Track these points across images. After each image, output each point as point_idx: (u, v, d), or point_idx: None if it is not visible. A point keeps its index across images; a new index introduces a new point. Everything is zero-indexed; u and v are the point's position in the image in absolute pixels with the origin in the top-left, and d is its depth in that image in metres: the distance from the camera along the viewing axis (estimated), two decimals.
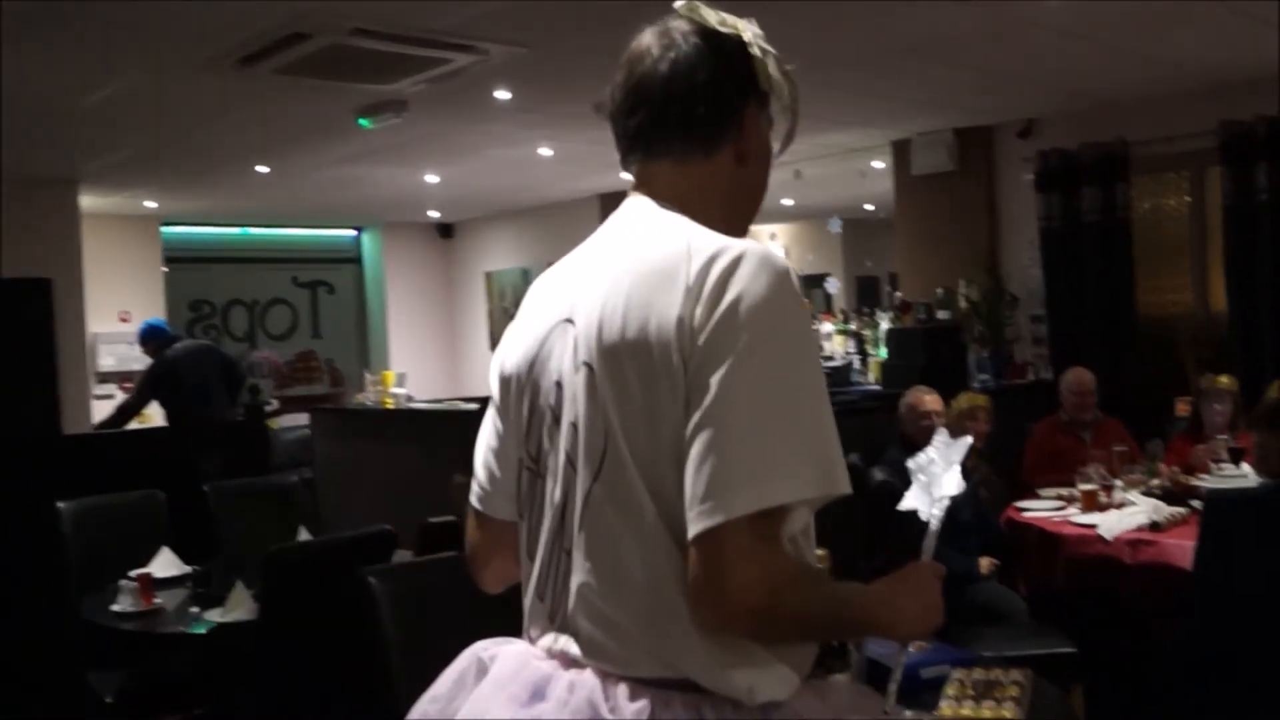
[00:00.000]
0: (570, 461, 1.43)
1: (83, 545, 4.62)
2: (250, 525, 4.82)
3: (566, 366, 1.45)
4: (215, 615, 3.78)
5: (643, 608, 1.36)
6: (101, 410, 9.33)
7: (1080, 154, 7.60)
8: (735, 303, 1.31)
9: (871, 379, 8.05)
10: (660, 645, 1.36)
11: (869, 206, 12.53)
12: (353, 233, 12.94)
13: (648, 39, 1.53)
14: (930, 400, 5.05)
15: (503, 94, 6.32)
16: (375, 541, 3.81)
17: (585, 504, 1.40)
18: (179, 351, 8.08)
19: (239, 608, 3.74)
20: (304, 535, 4.63)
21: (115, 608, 3.98)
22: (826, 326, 9.19)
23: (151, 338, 8.09)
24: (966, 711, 2.30)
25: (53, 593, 4.58)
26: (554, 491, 1.46)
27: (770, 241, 15.47)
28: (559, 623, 1.46)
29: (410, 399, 8.18)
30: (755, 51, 1.50)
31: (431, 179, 9.58)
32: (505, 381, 1.57)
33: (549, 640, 1.48)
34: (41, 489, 4.85)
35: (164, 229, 11.15)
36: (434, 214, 12.22)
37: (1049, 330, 7.87)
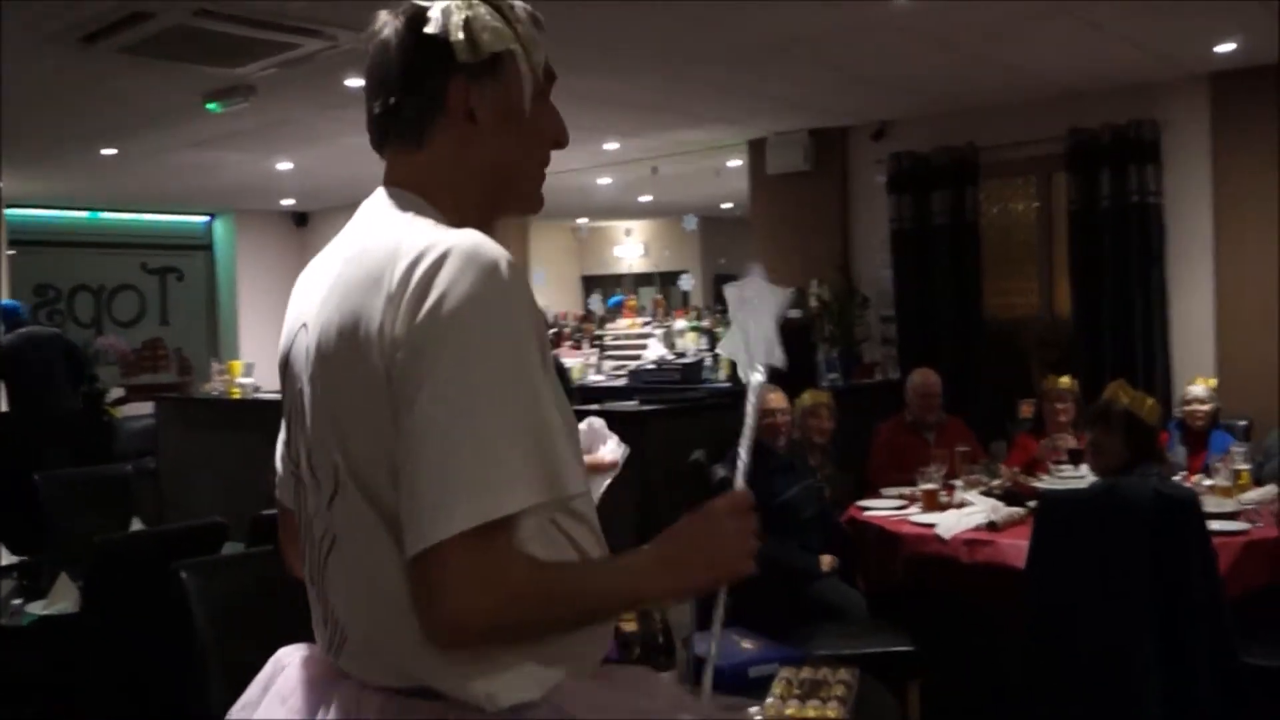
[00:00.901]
0: (312, 471, 1.40)
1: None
2: (83, 516, 4.71)
3: (304, 374, 1.41)
4: (37, 608, 3.71)
5: (381, 618, 1.32)
6: None
7: (932, 157, 7.76)
8: (436, 307, 1.24)
9: (723, 376, 8.10)
10: (400, 656, 1.32)
11: (726, 205, 12.65)
12: (205, 219, 12.60)
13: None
14: (775, 398, 5.09)
15: (354, 82, 6.19)
16: (205, 533, 3.71)
17: (328, 513, 1.37)
18: (20, 337, 7.83)
19: (62, 600, 3.69)
20: (136, 526, 4.51)
21: None
22: (680, 323, 9.24)
23: (4, 319, 7.87)
24: (791, 711, 2.31)
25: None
26: (306, 497, 1.44)
27: (626, 237, 15.54)
28: (329, 629, 1.43)
29: (257, 389, 8.05)
30: (455, 20, 1.40)
31: (284, 166, 9.37)
32: (280, 377, 1.52)
33: (324, 648, 1.45)
34: None
35: (8, 211, 10.72)
36: (288, 202, 11.96)
37: (898, 331, 8.02)
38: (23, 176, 9.61)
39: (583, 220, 15.07)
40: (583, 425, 1.73)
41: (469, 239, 1.29)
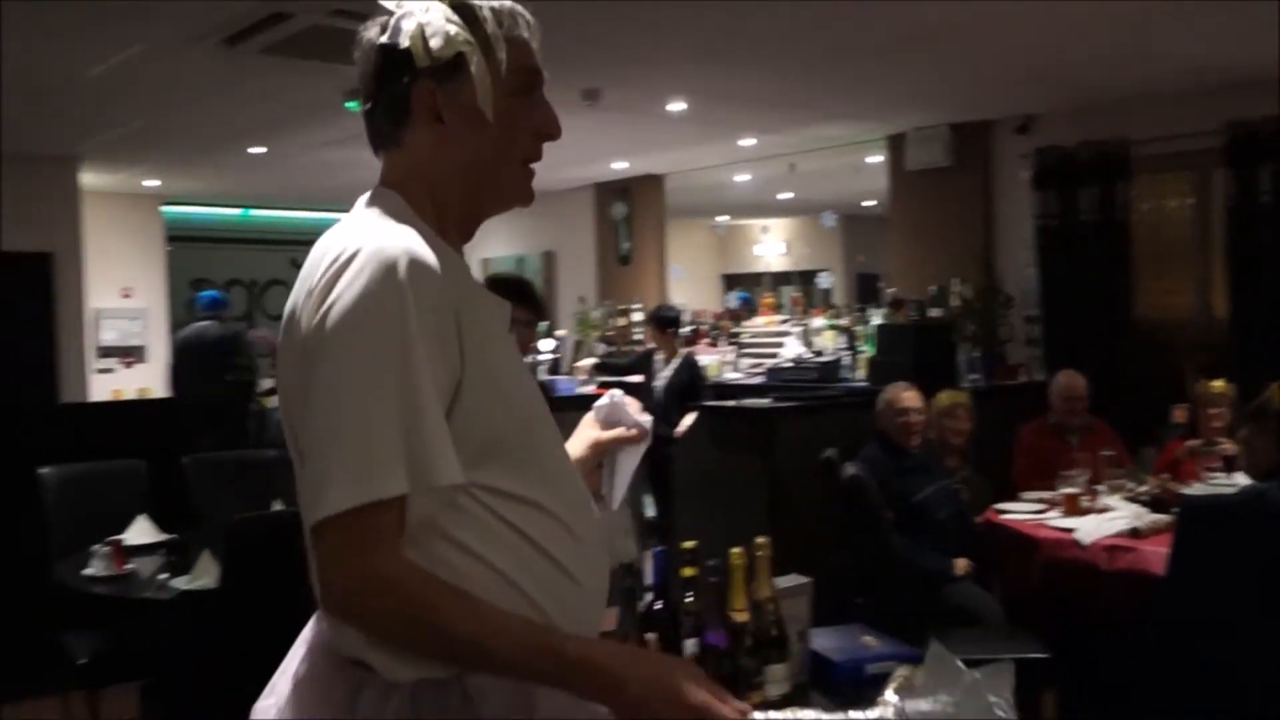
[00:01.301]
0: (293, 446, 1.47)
1: (64, 511, 4.71)
2: (228, 498, 4.86)
3: None
4: (182, 582, 3.83)
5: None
6: (101, 383, 9.53)
7: (1078, 152, 7.50)
8: (332, 305, 1.32)
9: (861, 375, 7.96)
10: (332, 625, 1.41)
11: (869, 202, 12.45)
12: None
13: None
14: (909, 397, 4.97)
15: None
16: None
17: (300, 486, 1.43)
18: (194, 329, 8.35)
19: (204, 575, 3.79)
20: (277, 507, 4.64)
21: (87, 572, 4.06)
22: (818, 321, 9.11)
23: (210, 307, 8.32)
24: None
25: (32, 556, 4.65)
26: None
27: (764, 235, 15.40)
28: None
29: None
30: (407, 27, 1.45)
31: None
32: None
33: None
34: (33, 456, 4.92)
35: (165, 209, 11.21)
36: None
37: (1043, 331, 7.78)
38: (178, 175, 9.99)
39: (722, 218, 15.00)
40: (604, 400, 1.78)
41: (380, 240, 1.34)
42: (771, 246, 15.75)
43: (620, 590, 2.19)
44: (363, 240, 1.35)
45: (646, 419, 1.77)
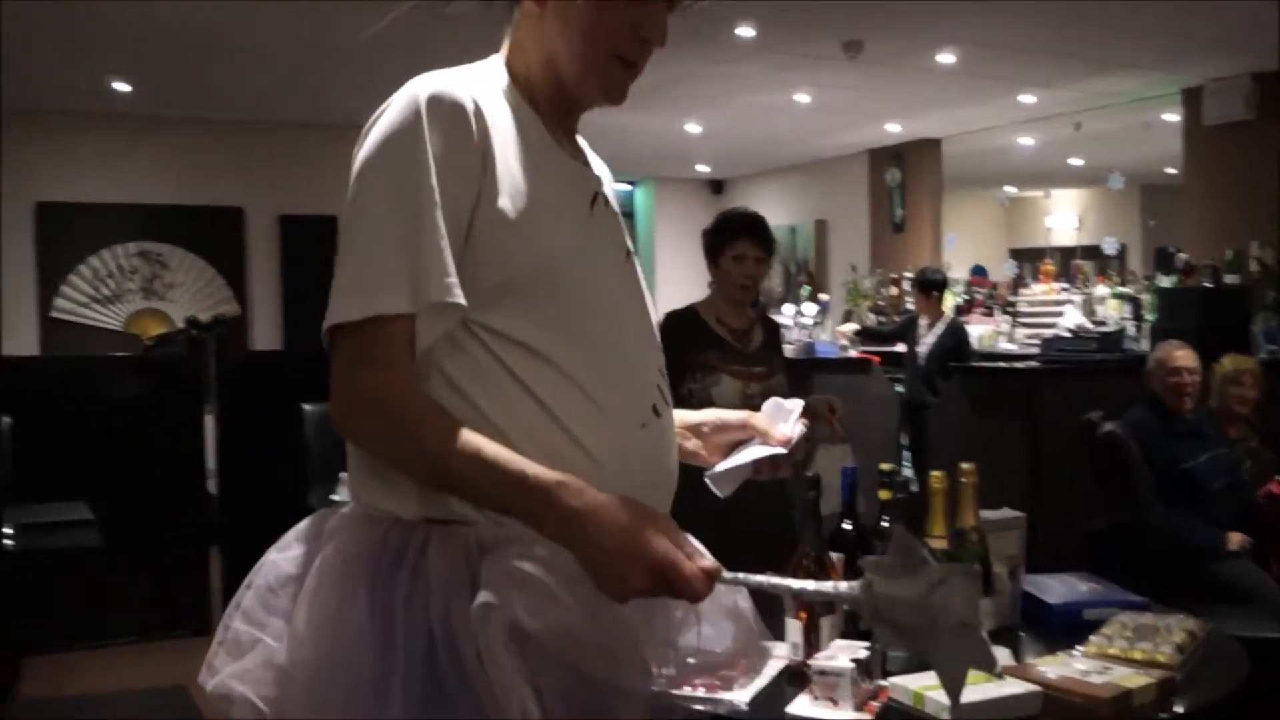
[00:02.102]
0: None
1: (320, 442, 4.97)
2: None
3: None
4: None
5: None
6: None
7: None
8: (363, 144, 1.39)
9: (1146, 346, 7.46)
10: (351, 475, 1.45)
11: (1171, 170, 11.64)
12: (627, 187, 13.09)
13: None
14: (1182, 356, 4.59)
15: (745, 31, 6.16)
16: None
17: None
18: None
19: None
20: None
21: (334, 497, 4.22)
22: (1100, 289, 8.60)
23: None
24: (1114, 650, 2.06)
25: (292, 487, 4.90)
26: None
27: (1054, 206, 14.68)
28: None
29: None
30: None
31: (693, 129, 9.53)
32: None
33: None
34: (290, 395, 5.17)
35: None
36: (703, 169, 12.20)
37: None
38: None
39: (1010, 189, 14.41)
40: (768, 405, 1.69)
41: (415, 84, 1.40)
42: (1062, 219, 15.01)
43: (801, 503, 2.10)
44: (408, 88, 1.41)
45: (797, 431, 1.65)
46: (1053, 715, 1.86)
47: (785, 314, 9.53)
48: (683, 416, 1.67)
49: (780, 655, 2.07)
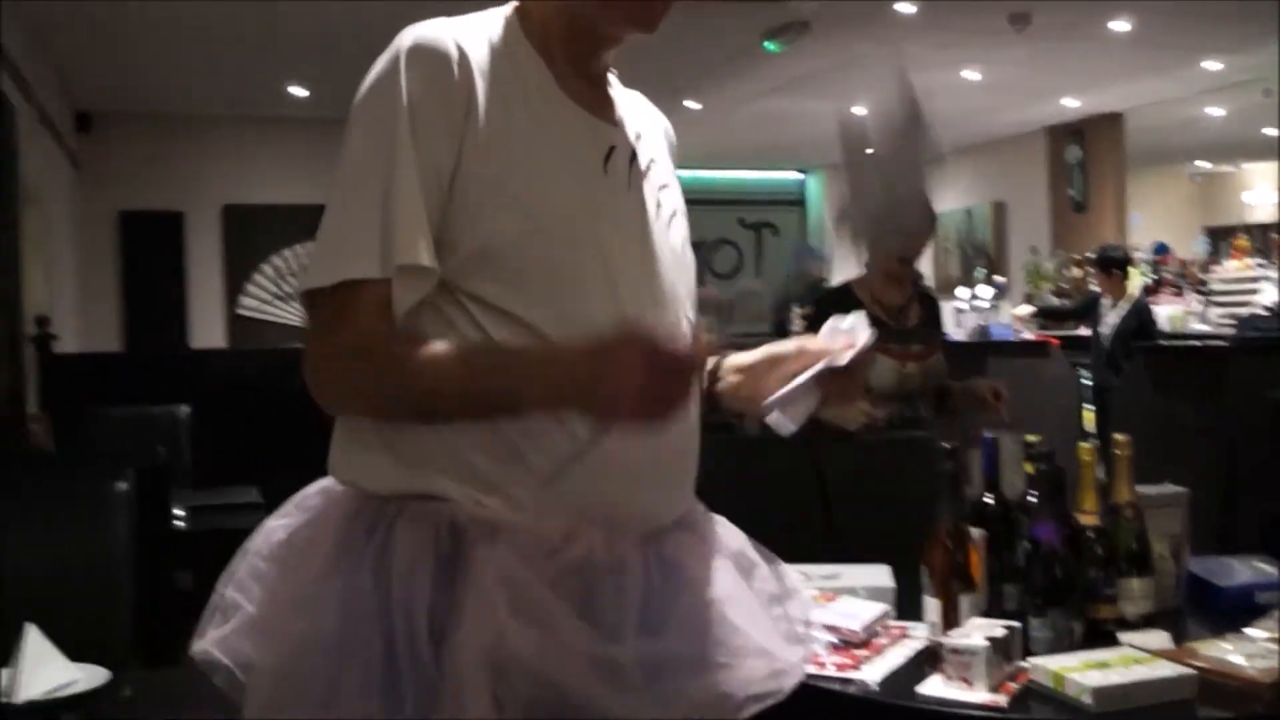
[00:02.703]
0: None
1: None
2: None
3: None
4: None
5: None
6: None
7: None
8: (360, 88, 1.34)
9: None
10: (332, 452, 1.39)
11: None
12: (798, 175, 12.96)
13: None
14: None
15: (906, 7, 6.02)
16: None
17: None
18: None
19: None
20: None
21: None
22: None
23: None
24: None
25: None
26: None
27: (1256, 180, 13.95)
28: None
29: None
30: None
31: (859, 111, 9.34)
32: None
33: None
34: None
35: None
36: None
37: None
38: None
39: (1203, 163, 13.74)
40: (825, 326, 1.52)
41: (405, 31, 1.33)
42: (1261, 194, 14.23)
43: (941, 475, 2.01)
44: (406, 32, 1.34)
45: (861, 338, 1.49)
46: (1208, 700, 1.74)
47: (960, 297, 9.30)
48: (733, 361, 1.54)
49: (918, 635, 2.00)
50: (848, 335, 1.49)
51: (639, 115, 1.51)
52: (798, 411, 1.46)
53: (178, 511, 3.85)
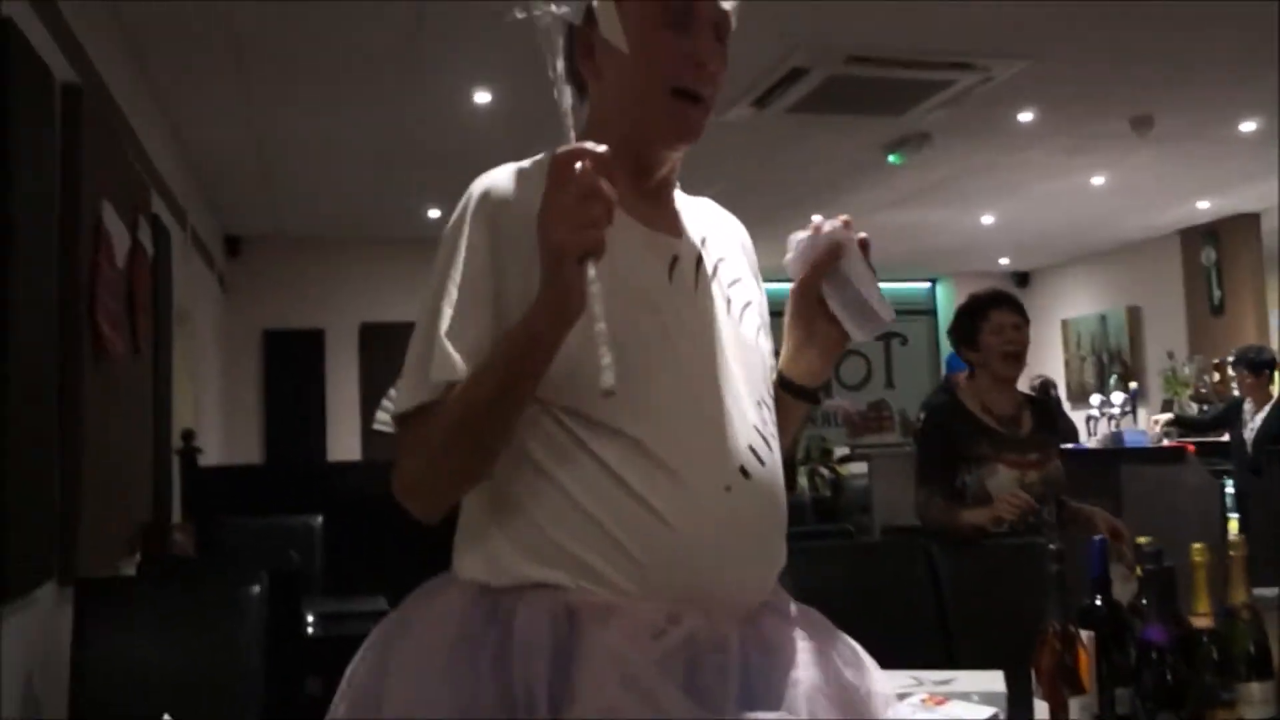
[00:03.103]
0: None
1: None
2: None
3: None
4: None
5: None
6: None
7: None
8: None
9: None
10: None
11: None
12: (926, 285, 12.91)
13: None
14: None
15: (1025, 115, 6.04)
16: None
17: None
18: None
19: None
20: None
21: None
22: None
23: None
24: None
25: None
26: None
27: None
28: None
29: None
30: None
31: (988, 220, 9.34)
32: None
33: None
34: None
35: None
36: (1004, 261, 11.90)
37: None
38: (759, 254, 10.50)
39: None
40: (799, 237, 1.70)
41: (484, 178, 1.48)
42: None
43: (1049, 577, 2.00)
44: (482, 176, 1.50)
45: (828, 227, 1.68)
46: None
47: (1092, 403, 9.12)
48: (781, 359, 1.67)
49: None
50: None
51: (705, 220, 1.63)
52: (802, 263, 1.66)
53: (309, 618, 3.97)
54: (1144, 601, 2.06)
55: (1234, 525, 6.61)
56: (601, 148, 1.28)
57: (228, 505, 5.24)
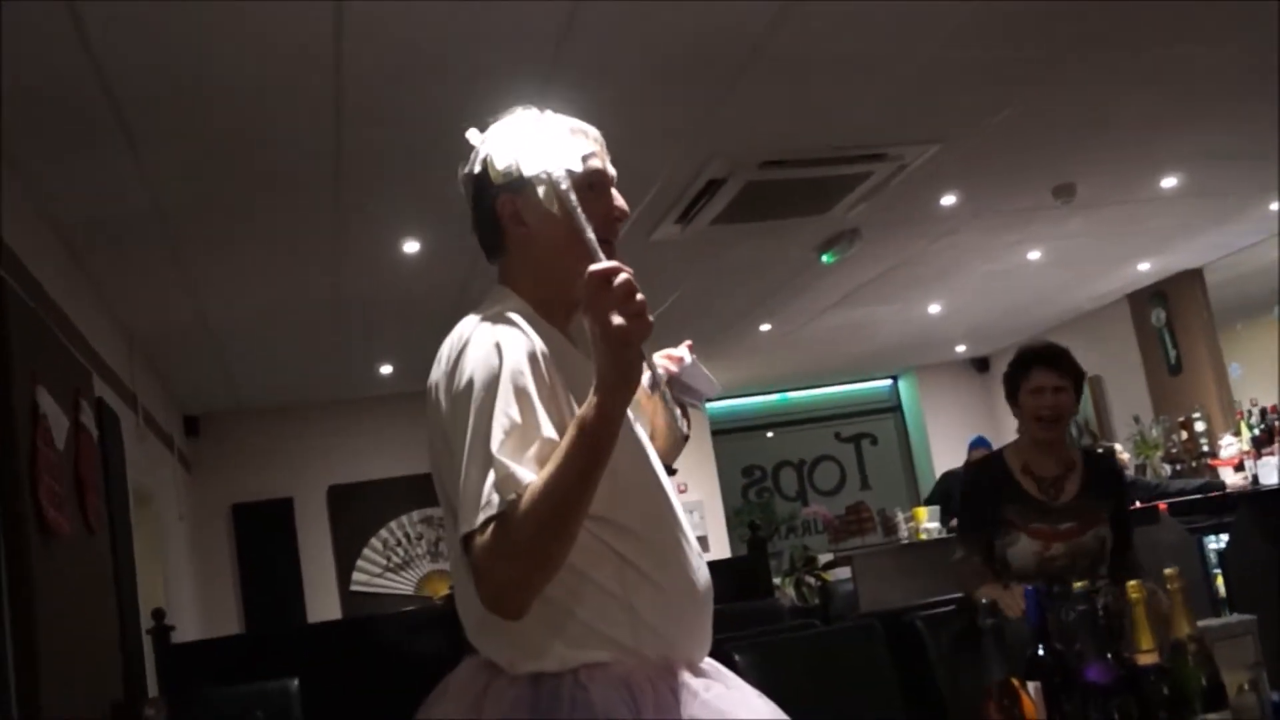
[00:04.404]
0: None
1: None
2: None
3: None
4: None
5: (462, 606, 1.75)
6: None
7: None
8: (459, 377, 1.65)
9: None
10: (469, 631, 1.74)
11: None
12: (888, 382, 12.97)
13: None
14: None
15: (948, 199, 6.15)
16: None
17: (449, 531, 1.76)
18: None
19: None
20: None
21: None
22: None
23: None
24: None
25: None
26: None
27: None
28: None
29: (940, 531, 8.05)
30: (480, 155, 1.79)
31: (934, 309, 9.42)
32: None
33: None
34: None
35: (706, 404, 11.78)
36: (961, 349, 11.97)
37: None
38: (716, 369, 10.52)
39: None
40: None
41: (483, 330, 1.69)
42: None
43: (985, 630, 2.00)
44: (471, 329, 1.71)
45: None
46: None
47: None
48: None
49: None
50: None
51: None
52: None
53: None
54: (1076, 646, 2.06)
55: (1220, 582, 6.57)
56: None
57: (205, 676, 5.21)
